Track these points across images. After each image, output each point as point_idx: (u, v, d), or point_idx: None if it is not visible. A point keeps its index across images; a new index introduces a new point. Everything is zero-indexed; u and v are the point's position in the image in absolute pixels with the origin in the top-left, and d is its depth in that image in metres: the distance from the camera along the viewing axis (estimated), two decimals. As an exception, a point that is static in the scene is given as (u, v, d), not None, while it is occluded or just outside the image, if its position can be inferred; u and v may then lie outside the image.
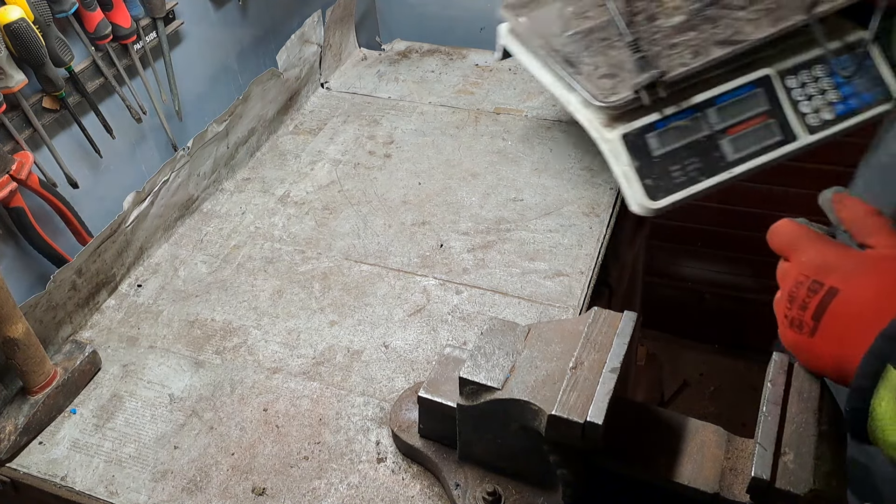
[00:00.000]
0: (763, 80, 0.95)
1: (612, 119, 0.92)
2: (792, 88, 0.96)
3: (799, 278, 0.63)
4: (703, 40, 0.95)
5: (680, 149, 0.92)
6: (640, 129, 0.92)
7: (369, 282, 1.06)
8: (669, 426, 0.73)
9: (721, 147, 0.93)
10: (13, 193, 0.91)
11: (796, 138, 0.95)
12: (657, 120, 0.93)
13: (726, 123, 0.94)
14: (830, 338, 0.60)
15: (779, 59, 0.96)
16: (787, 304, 0.63)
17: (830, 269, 0.61)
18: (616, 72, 0.94)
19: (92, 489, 0.83)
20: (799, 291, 0.62)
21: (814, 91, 0.96)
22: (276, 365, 0.95)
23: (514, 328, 0.73)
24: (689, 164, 0.92)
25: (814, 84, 0.96)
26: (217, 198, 1.24)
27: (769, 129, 0.95)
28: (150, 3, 1.09)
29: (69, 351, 0.95)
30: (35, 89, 0.97)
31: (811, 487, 0.61)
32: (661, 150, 0.92)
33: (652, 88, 0.90)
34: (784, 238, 0.66)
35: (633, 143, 0.92)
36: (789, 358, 0.69)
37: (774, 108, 0.96)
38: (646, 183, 0.91)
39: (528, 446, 0.70)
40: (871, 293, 0.58)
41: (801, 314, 0.62)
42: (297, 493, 0.81)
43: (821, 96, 0.96)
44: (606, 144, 0.93)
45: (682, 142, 0.93)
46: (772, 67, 0.96)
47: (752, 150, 0.95)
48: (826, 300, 0.60)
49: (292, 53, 1.37)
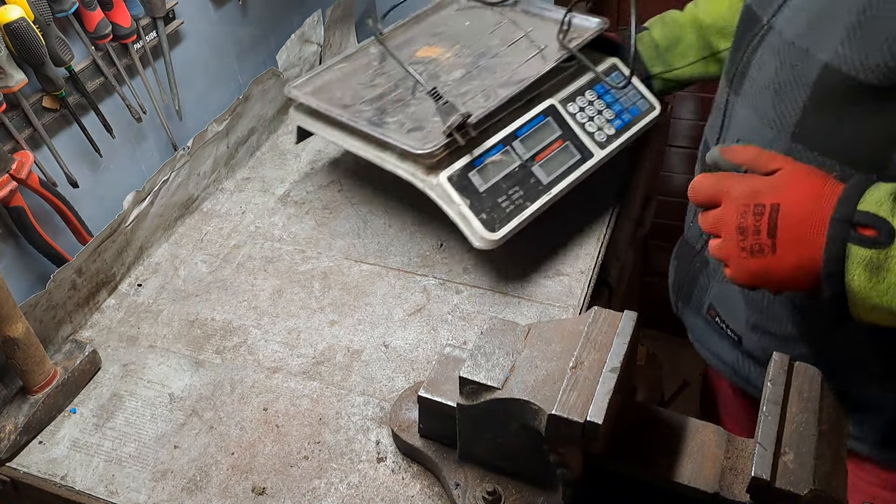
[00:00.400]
0: (550, 110, 1.07)
1: (433, 166, 0.99)
2: (575, 113, 1.08)
3: (741, 209, 0.69)
4: (488, 86, 1.08)
5: (501, 181, 1.00)
6: (461, 169, 0.99)
7: (369, 281, 1.06)
8: (669, 426, 0.73)
9: (535, 173, 1.03)
10: (13, 193, 0.91)
11: (592, 155, 1.07)
12: (473, 159, 1.00)
13: (532, 152, 1.04)
14: (791, 245, 0.66)
15: (557, 90, 1.09)
16: (739, 239, 0.69)
17: (762, 192, 0.68)
18: (422, 124, 1.03)
19: (92, 489, 0.83)
20: (747, 221, 0.68)
21: (593, 112, 1.10)
22: (276, 364, 0.95)
23: (514, 328, 0.73)
24: (513, 193, 1.00)
25: (591, 107, 1.10)
26: (217, 197, 1.24)
27: (568, 150, 1.06)
28: (150, 3, 1.09)
29: (69, 350, 0.95)
30: (35, 89, 0.97)
31: (811, 487, 0.61)
32: (485, 185, 0.99)
33: (462, 129, 0.97)
34: (708, 188, 0.72)
35: (459, 183, 0.98)
36: (788, 359, 0.69)
37: (566, 132, 1.07)
38: (481, 218, 0.97)
39: (528, 446, 0.70)
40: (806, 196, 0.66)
41: (757, 239, 0.68)
42: (296, 492, 0.81)
43: (599, 116, 1.09)
44: (434, 190, 0.99)
45: (501, 174, 1.01)
46: (554, 98, 1.08)
47: (561, 172, 1.04)
48: (773, 216, 0.67)
49: (292, 53, 1.37)
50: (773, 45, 0.79)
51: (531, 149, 1.04)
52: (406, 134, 1.01)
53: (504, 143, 1.03)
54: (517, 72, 1.10)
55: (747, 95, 0.83)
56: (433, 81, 1.10)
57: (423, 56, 1.17)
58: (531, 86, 1.06)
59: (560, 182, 1.03)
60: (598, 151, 1.07)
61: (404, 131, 1.02)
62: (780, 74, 0.77)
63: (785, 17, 0.77)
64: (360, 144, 1.05)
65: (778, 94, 0.77)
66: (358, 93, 1.11)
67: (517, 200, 0.99)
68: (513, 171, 1.01)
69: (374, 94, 1.10)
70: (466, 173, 0.99)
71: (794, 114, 0.76)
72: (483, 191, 0.99)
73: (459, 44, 1.19)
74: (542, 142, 1.05)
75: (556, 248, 1.08)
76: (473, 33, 1.22)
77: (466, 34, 1.22)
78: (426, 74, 1.12)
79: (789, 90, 0.76)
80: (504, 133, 1.04)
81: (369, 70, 1.16)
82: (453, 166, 0.99)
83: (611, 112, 1.10)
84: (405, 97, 1.08)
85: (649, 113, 1.13)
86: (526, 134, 1.05)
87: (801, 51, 0.74)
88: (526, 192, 1.00)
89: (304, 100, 1.10)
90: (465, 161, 1.00)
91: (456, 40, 1.20)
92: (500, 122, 1.04)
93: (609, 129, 1.09)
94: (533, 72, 1.07)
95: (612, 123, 1.10)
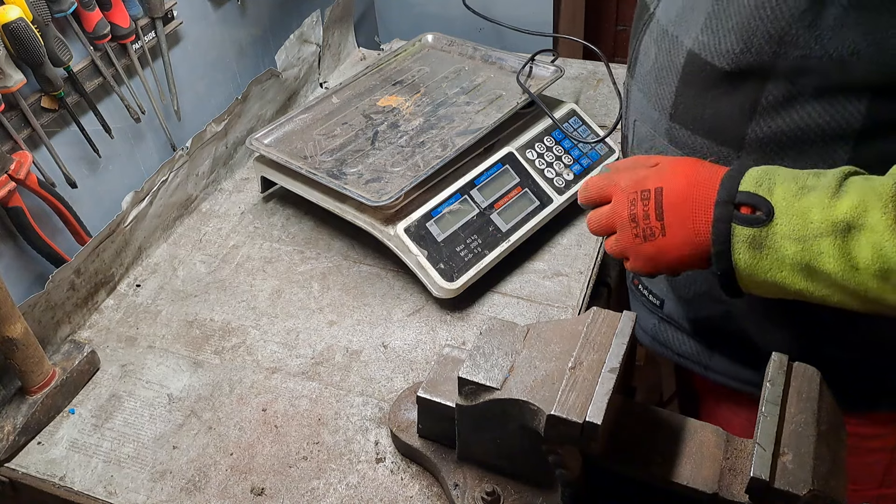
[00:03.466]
0: (508, 157, 1.09)
1: (390, 217, 1.01)
2: (533, 160, 1.10)
3: (630, 198, 0.73)
4: (446, 136, 1.10)
5: (459, 230, 1.02)
6: (419, 219, 1.01)
7: (368, 282, 1.06)
8: (668, 426, 0.73)
9: (494, 221, 1.04)
10: (12, 193, 0.91)
11: (552, 201, 1.08)
12: (431, 209, 1.02)
13: (491, 200, 1.05)
14: (678, 225, 0.70)
15: (515, 136, 1.11)
16: (632, 227, 0.73)
17: (647, 178, 0.73)
18: (380, 174, 1.05)
19: (90, 489, 0.83)
20: (636, 209, 0.72)
21: (551, 158, 1.11)
22: (274, 365, 0.95)
23: (512, 328, 0.73)
24: (471, 241, 1.01)
25: (549, 153, 1.11)
26: (216, 197, 1.24)
27: (527, 197, 1.07)
28: (149, 3, 1.09)
29: (68, 351, 0.94)
30: (34, 89, 0.96)
31: (810, 488, 0.61)
32: (443, 234, 1.01)
33: None
34: (597, 187, 0.77)
35: (417, 233, 1.00)
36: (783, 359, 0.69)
37: (524, 179, 1.09)
38: (439, 267, 0.98)
39: (527, 446, 0.70)
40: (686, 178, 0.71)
41: (647, 223, 0.72)
42: (295, 493, 0.81)
43: (558, 161, 1.11)
44: (392, 241, 1.00)
45: (460, 223, 1.02)
46: (511, 145, 1.10)
47: (520, 219, 1.05)
48: (658, 198, 0.71)
49: (291, 53, 1.37)
50: (653, 31, 0.83)
51: (489, 197, 1.05)
52: (364, 185, 1.03)
53: (462, 192, 1.05)
54: (475, 120, 1.13)
55: (638, 79, 0.87)
56: (392, 131, 1.12)
57: (384, 105, 1.19)
58: (488, 134, 1.08)
59: (519, 229, 1.04)
60: (556, 197, 1.08)
61: (362, 182, 1.03)
62: (658, 59, 0.82)
63: (664, 5, 0.82)
64: (321, 196, 1.07)
65: (657, 78, 0.82)
66: (318, 143, 1.12)
67: (476, 249, 1.01)
68: (471, 219, 1.03)
69: (334, 145, 1.12)
70: (424, 223, 1.01)
71: (669, 96, 0.80)
72: (441, 240, 1.00)
73: (419, 92, 1.21)
74: (500, 189, 1.06)
75: (555, 248, 1.08)
76: (433, 80, 1.24)
77: (426, 81, 1.24)
78: (387, 125, 1.14)
79: (665, 74, 0.80)
80: (462, 182, 1.05)
81: (330, 120, 1.17)
82: (411, 217, 1.01)
83: (569, 157, 1.12)
84: (364, 147, 1.10)
85: (609, 156, 1.15)
86: (484, 182, 1.06)
87: (672, 38, 0.79)
88: (484, 240, 1.02)
89: (266, 152, 1.11)
90: (423, 211, 1.01)
91: (416, 89, 1.23)
92: (458, 171, 1.06)
93: (568, 175, 1.10)
94: (490, 120, 1.09)
95: (572, 168, 1.12)
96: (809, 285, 0.66)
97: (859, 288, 0.63)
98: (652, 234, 0.72)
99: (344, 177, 1.05)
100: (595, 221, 0.77)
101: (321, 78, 1.49)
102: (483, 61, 1.27)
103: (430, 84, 1.23)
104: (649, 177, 0.73)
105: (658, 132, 0.83)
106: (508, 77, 1.21)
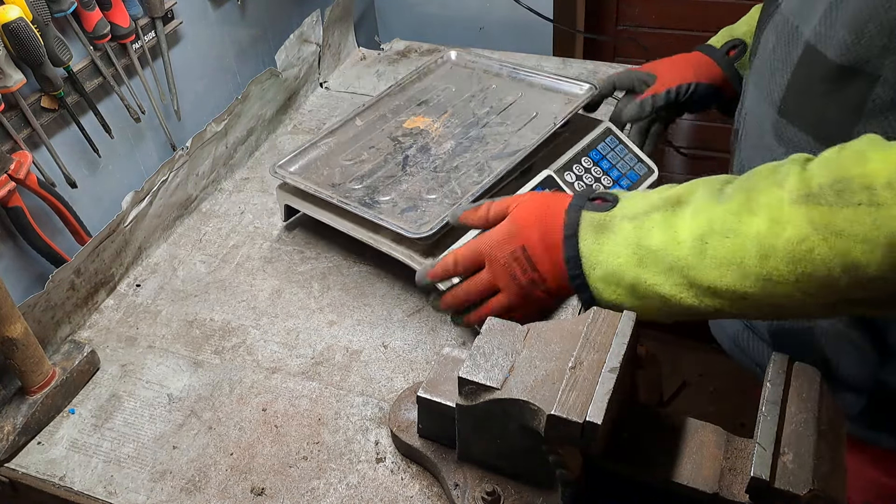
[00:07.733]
0: (547, 180, 1.04)
1: (429, 249, 0.96)
2: (572, 182, 1.06)
3: (506, 262, 0.80)
4: (481, 159, 1.06)
5: None
6: None
7: (368, 282, 1.05)
8: (669, 426, 0.73)
9: None
10: (11, 193, 0.91)
11: None
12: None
13: None
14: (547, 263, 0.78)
15: (552, 159, 1.07)
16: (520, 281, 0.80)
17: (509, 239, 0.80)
18: (416, 203, 0.99)
19: (90, 489, 0.83)
20: (513, 268, 0.80)
21: (590, 180, 1.07)
22: (274, 365, 0.95)
23: (513, 328, 0.73)
24: None
25: (588, 174, 1.07)
26: (216, 197, 1.24)
27: None
28: (149, 3, 1.09)
29: (68, 351, 0.94)
30: (33, 89, 0.97)
31: (810, 487, 0.61)
32: None
33: None
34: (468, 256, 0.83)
35: None
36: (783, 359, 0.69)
37: None
38: None
39: (528, 446, 0.70)
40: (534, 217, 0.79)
41: (533, 275, 0.79)
42: (295, 493, 0.81)
43: (597, 183, 1.07)
44: None
45: None
46: (549, 168, 1.05)
47: None
48: (526, 254, 0.79)
49: (291, 53, 1.37)
50: (777, 22, 0.82)
51: None
52: (400, 215, 0.97)
53: None
54: (510, 142, 1.08)
55: (754, 70, 0.87)
56: (424, 155, 1.07)
57: (410, 127, 1.14)
58: (526, 157, 1.04)
59: None
60: None
61: (398, 212, 0.98)
62: (777, 50, 0.80)
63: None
64: (352, 226, 1.01)
65: (771, 68, 0.81)
66: (346, 170, 1.06)
67: None
68: None
69: (363, 171, 1.05)
70: None
71: (780, 89, 0.79)
72: None
73: (447, 112, 1.16)
74: None
75: (555, 248, 1.08)
76: (460, 100, 1.19)
77: (453, 101, 1.19)
78: (416, 148, 1.08)
79: (780, 65, 0.79)
80: None
81: (356, 144, 1.12)
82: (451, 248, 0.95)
83: (609, 179, 1.08)
84: (395, 173, 1.04)
85: (648, 177, 1.10)
86: None
87: (792, 28, 0.77)
88: None
89: (292, 180, 1.04)
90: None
91: (443, 109, 1.17)
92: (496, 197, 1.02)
93: None
94: (528, 142, 1.05)
95: None
96: (641, 272, 0.71)
97: (681, 264, 0.68)
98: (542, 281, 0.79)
99: (377, 206, 0.99)
100: (474, 287, 0.83)
101: (321, 78, 1.49)
102: (511, 79, 1.22)
103: (458, 104, 1.18)
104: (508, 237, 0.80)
105: (765, 128, 0.81)
106: (540, 95, 1.17)
